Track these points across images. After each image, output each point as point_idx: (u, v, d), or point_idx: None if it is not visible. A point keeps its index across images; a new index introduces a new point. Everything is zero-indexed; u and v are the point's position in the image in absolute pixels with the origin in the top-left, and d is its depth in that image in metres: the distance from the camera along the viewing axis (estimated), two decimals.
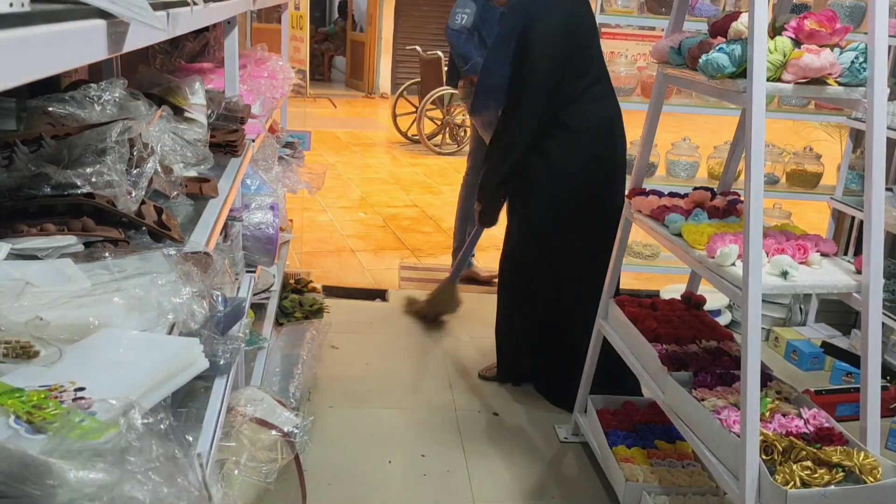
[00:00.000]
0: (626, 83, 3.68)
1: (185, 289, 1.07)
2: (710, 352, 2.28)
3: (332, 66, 14.07)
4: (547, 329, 2.98)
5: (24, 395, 0.82)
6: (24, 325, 0.92)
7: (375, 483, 2.44)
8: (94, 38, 0.78)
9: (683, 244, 2.06)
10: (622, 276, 2.72)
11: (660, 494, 2.21)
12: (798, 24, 1.82)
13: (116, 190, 1.24)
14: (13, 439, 0.75)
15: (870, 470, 1.70)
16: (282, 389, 2.58)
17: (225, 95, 2.14)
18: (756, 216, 1.74)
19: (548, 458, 2.67)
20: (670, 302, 2.59)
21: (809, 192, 3.83)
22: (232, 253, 1.96)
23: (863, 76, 1.78)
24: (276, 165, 2.67)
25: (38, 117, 1.41)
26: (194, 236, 1.39)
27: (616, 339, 2.48)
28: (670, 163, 3.83)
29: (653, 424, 2.57)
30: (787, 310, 3.79)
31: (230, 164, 1.91)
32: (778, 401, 2.01)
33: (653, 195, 2.39)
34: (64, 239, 1.19)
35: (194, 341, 1.03)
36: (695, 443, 1.98)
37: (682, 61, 2.12)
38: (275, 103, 2.67)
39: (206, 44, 2.66)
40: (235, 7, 1.90)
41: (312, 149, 3.86)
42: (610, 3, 3.60)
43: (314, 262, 4.52)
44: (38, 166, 1.23)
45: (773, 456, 1.77)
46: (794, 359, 3.50)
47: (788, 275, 1.84)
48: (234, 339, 1.31)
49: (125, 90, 1.54)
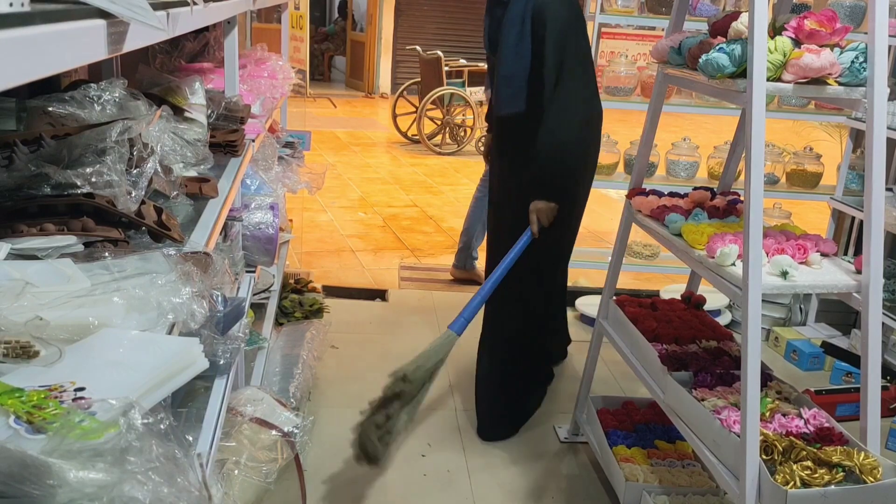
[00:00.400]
0: (626, 83, 3.68)
1: (185, 289, 1.07)
2: (710, 352, 2.28)
3: (332, 66, 14.07)
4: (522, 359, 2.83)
5: (24, 395, 0.82)
6: (24, 325, 0.92)
7: (375, 483, 2.44)
8: (94, 38, 0.78)
9: (683, 244, 2.06)
10: (622, 275, 2.72)
11: (660, 494, 2.21)
12: (798, 24, 1.82)
13: (116, 190, 1.24)
14: (13, 439, 0.75)
15: (870, 470, 1.70)
16: (282, 389, 2.58)
17: (225, 95, 2.14)
18: (756, 216, 1.74)
19: (548, 458, 2.67)
20: (670, 302, 2.59)
21: (809, 192, 3.83)
22: (232, 253, 1.96)
23: (863, 76, 1.78)
24: (276, 165, 2.67)
25: (38, 117, 1.41)
26: (194, 236, 1.39)
27: (616, 338, 2.48)
28: (670, 163, 3.83)
29: (653, 424, 2.56)
30: (787, 310, 3.79)
31: (230, 164, 1.91)
32: (778, 401, 2.01)
33: (653, 195, 2.39)
34: (64, 239, 1.19)
35: (194, 341, 1.03)
36: (695, 443, 1.98)
37: (682, 61, 2.12)
38: (275, 103, 2.67)
39: (206, 44, 2.66)
40: (235, 7, 1.90)
41: (312, 149, 3.86)
42: (610, 3, 3.60)
43: (314, 262, 4.52)
44: (38, 166, 1.23)
45: (773, 456, 1.77)
46: (794, 359, 3.50)
47: (788, 275, 1.84)
48: (234, 339, 1.31)
49: (125, 90, 1.54)
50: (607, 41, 3.88)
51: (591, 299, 3.76)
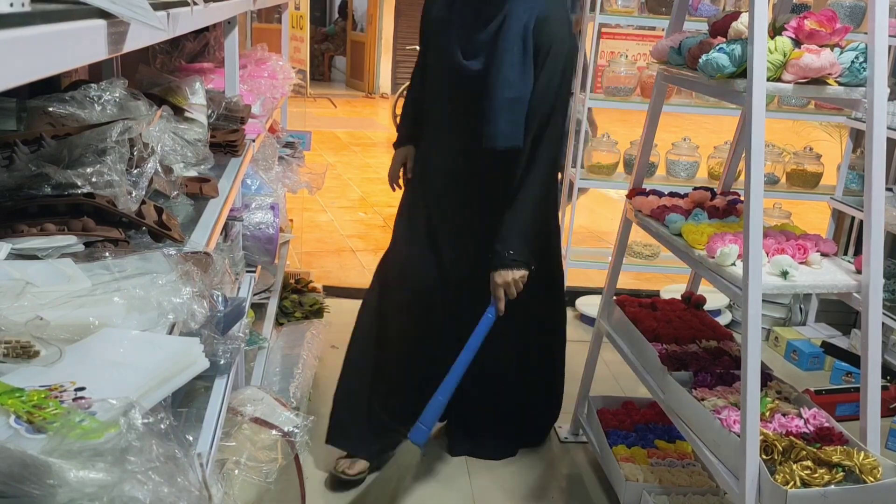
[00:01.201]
0: (626, 83, 3.68)
1: (186, 289, 1.07)
2: (710, 352, 2.28)
3: (333, 66, 14.07)
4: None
5: (24, 395, 0.82)
6: (24, 325, 0.92)
7: (375, 483, 2.44)
8: (94, 38, 0.78)
9: (683, 244, 2.06)
10: (622, 275, 2.72)
11: (660, 494, 2.21)
12: (798, 24, 1.82)
13: (116, 190, 1.24)
14: (13, 439, 0.75)
15: (870, 470, 1.70)
16: (282, 389, 2.58)
17: (225, 95, 2.14)
18: (756, 216, 1.74)
19: (548, 458, 2.67)
20: (670, 302, 2.59)
21: (809, 192, 3.83)
22: (232, 253, 1.96)
23: (863, 76, 1.78)
24: (276, 165, 2.67)
25: (38, 117, 1.41)
26: (194, 236, 1.39)
27: (616, 338, 2.48)
28: (670, 163, 3.83)
29: (653, 424, 2.57)
30: (787, 310, 3.79)
31: (230, 164, 1.91)
32: (778, 401, 2.01)
33: (653, 195, 2.39)
34: (64, 239, 1.19)
35: (194, 341, 1.03)
36: (695, 443, 1.98)
37: (682, 61, 2.12)
38: (275, 103, 2.67)
39: (206, 44, 2.66)
40: (235, 7, 1.90)
41: (312, 149, 3.85)
42: (610, 3, 3.60)
43: (314, 262, 4.52)
44: (39, 166, 1.23)
45: (773, 456, 1.77)
46: (794, 359, 3.50)
47: (788, 275, 1.84)
48: (234, 339, 1.31)
49: (125, 90, 1.54)
50: (607, 41, 3.87)
51: (591, 299, 3.77)
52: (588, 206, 5.69)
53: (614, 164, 3.82)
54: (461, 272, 2.32)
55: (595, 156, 3.79)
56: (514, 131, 2.10)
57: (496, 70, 2.07)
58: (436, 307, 2.36)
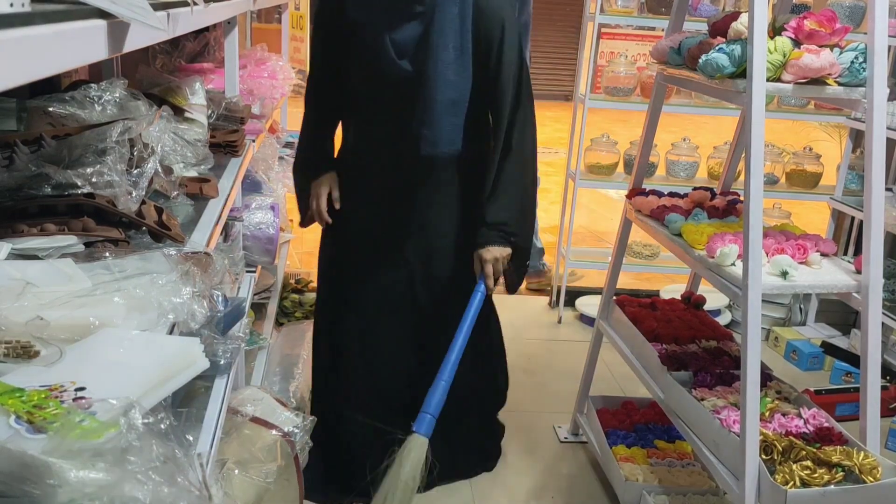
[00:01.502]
0: (625, 83, 3.68)
1: (186, 289, 1.08)
2: (710, 352, 2.28)
3: None
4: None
5: (24, 395, 0.82)
6: (24, 325, 0.92)
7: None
8: (94, 38, 0.78)
9: (683, 244, 2.06)
10: (622, 275, 2.72)
11: (660, 494, 2.21)
12: (798, 24, 1.82)
13: (117, 190, 1.24)
14: (13, 439, 0.75)
15: (869, 470, 1.70)
16: (282, 389, 2.58)
17: (225, 95, 2.14)
18: (756, 216, 1.75)
19: (548, 458, 2.67)
20: (670, 302, 2.59)
21: (809, 192, 3.83)
22: (232, 253, 1.96)
23: (863, 76, 1.78)
24: (276, 165, 2.67)
25: (38, 117, 1.41)
26: (194, 236, 1.39)
27: (616, 339, 2.48)
28: (670, 163, 3.83)
29: (653, 424, 2.57)
30: (787, 310, 3.79)
31: (230, 164, 1.91)
32: (778, 401, 2.01)
33: (653, 195, 2.39)
34: (64, 239, 1.19)
35: (194, 341, 1.03)
36: (695, 443, 1.98)
37: (682, 61, 2.12)
38: (275, 103, 2.67)
39: (206, 44, 2.66)
40: (235, 7, 1.91)
41: None
42: (610, 3, 3.60)
43: (314, 262, 4.50)
44: (39, 166, 1.23)
45: (772, 456, 1.77)
46: (794, 359, 3.51)
47: (788, 275, 1.84)
48: (235, 339, 1.31)
49: (125, 90, 1.54)
50: (607, 41, 3.87)
51: (591, 299, 3.77)
52: (588, 205, 5.69)
53: (614, 164, 3.82)
54: (423, 284, 2.23)
55: (594, 156, 3.80)
56: (456, 135, 2.03)
57: (433, 69, 1.96)
58: (398, 324, 2.26)
